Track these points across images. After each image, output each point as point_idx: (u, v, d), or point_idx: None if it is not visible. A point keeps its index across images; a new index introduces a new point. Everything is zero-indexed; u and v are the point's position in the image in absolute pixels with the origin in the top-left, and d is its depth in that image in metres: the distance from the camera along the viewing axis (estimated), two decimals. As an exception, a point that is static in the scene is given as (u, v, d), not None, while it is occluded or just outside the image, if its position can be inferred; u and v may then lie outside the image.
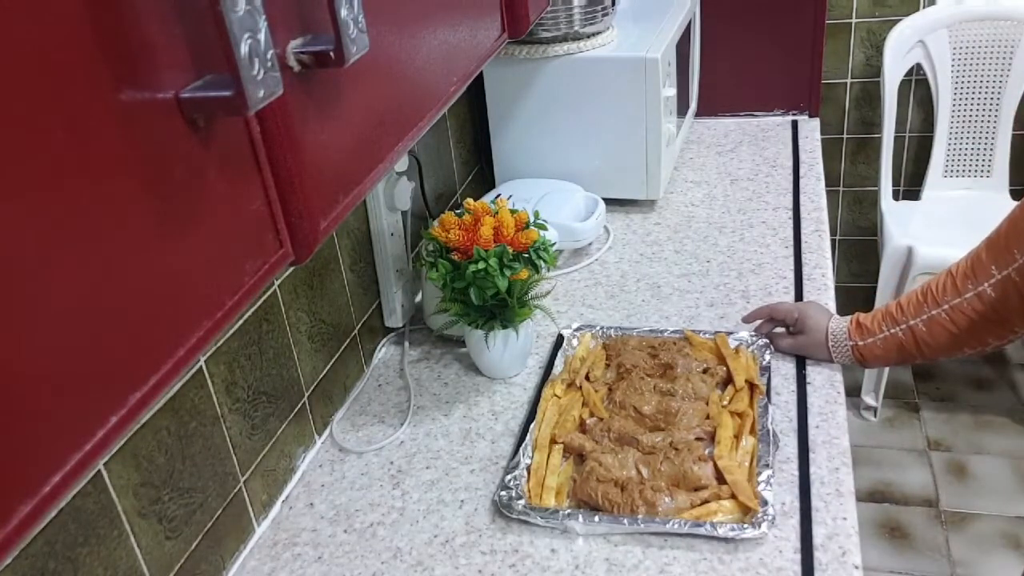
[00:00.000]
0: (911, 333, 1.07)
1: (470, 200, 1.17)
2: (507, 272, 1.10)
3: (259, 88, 0.39)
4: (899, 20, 2.17)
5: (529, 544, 0.95)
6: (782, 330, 1.21)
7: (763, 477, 0.96)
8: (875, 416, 2.40)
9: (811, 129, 1.93)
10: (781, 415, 1.08)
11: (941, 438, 2.33)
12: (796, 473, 0.99)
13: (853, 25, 2.26)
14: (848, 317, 1.15)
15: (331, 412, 1.19)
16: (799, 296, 1.34)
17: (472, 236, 1.11)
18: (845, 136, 2.42)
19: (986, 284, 1.00)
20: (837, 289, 1.46)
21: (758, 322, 1.22)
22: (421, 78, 0.67)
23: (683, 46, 1.69)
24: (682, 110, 1.76)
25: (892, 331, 1.09)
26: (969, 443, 2.30)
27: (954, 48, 2.18)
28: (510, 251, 1.10)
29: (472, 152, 1.74)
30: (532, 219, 1.17)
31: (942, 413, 2.41)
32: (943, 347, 1.06)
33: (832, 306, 1.29)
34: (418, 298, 1.39)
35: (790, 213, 1.58)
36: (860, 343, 1.12)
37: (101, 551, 0.78)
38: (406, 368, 1.28)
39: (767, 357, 1.17)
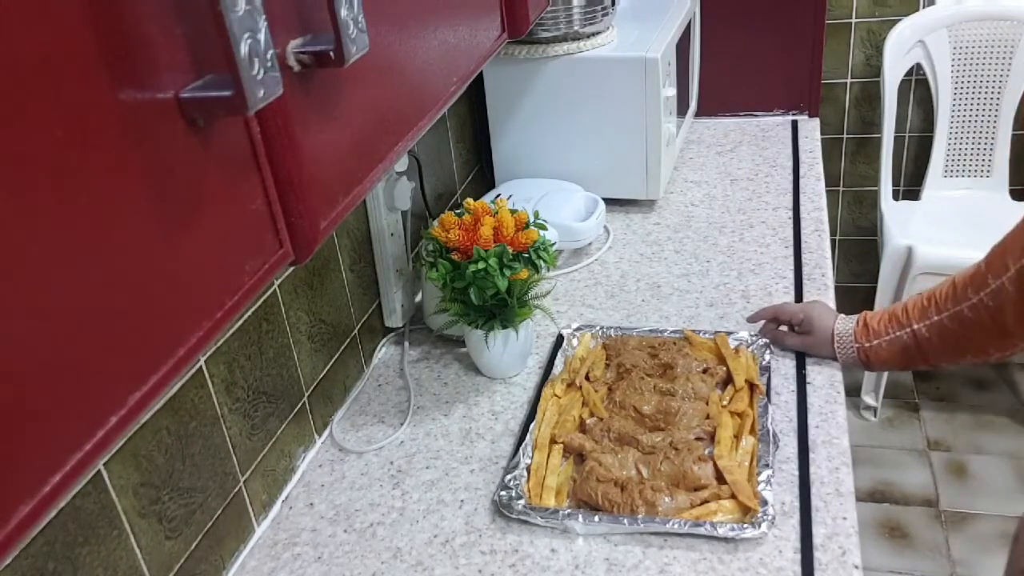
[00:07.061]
0: (915, 337, 1.08)
1: (470, 200, 1.17)
2: (507, 272, 1.10)
3: (259, 88, 0.39)
4: (899, 20, 2.17)
5: (529, 544, 0.95)
6: (786, 329, 1.21)
7: (763, 477, 0.96)
8: (875, 416, 2.40)
9: (811, 129, 1.93)
10: (781, 415, 1.08)
11: (941, 438, 2.33)
12: (796, 473, 0.99)
13: (853, 25, 2.26)
14: (854, 317, 1.15)
15: (331, 412, 1.19)
16: (799, 296, 1.34)
17: (472, 236, 1.11)
18: (845, 136, 2.42)
19: (983, 293, 1.00)
20: (837, 289, 1.46)
21: (762, 322, 1.23)
22: (421, 78, 0.67)
23: (683, 46, 1.69)
24: (682, 110, 1.76)
25: (897, 334, 1.09)
26: (969, 443, 2.30)
27: (954, 48, 2.18)
28: (510, 251, 1.10)
29: (472, 152, 1.74)
30: (532, 219, 1.17)
31: (942, 413, 2.41)
32: (946, 352, 1.07)
33: (832, 306, 1.29)
34: (418, 298, 1.39)
35: (790, 213, 1.58)
36: (866, 344, 1.12)
37: (101, 551, 0.78)
38: (406, 368, 1.28)
39: (767, 357, 1.17)
